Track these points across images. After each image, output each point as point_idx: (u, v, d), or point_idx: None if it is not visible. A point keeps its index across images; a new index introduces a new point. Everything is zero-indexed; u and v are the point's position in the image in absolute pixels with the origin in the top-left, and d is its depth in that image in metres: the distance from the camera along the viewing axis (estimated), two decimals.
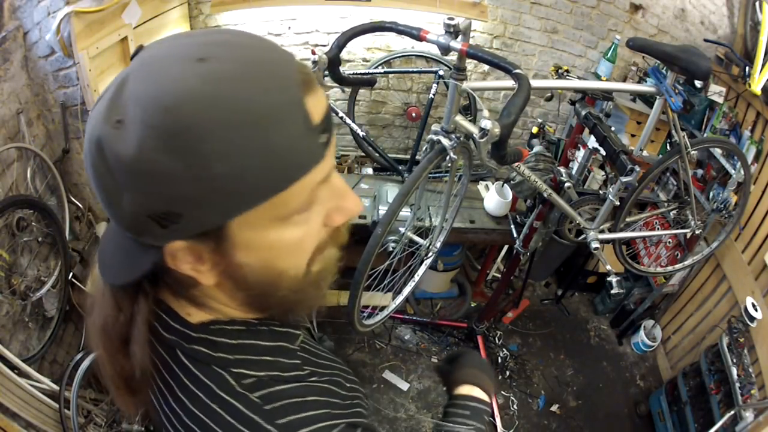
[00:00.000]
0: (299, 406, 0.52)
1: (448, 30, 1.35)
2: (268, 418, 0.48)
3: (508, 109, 1.11)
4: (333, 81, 1.49)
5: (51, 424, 1.57)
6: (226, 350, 0.50)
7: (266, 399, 0.50)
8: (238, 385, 0.49)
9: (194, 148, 0.35)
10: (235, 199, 0.39)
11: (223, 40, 0.40)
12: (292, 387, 0.53)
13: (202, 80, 0.36)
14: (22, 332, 1.70)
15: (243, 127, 0.36)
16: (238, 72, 0.37)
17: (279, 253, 0.46)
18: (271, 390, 0.51)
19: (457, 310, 3.01)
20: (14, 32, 1.58)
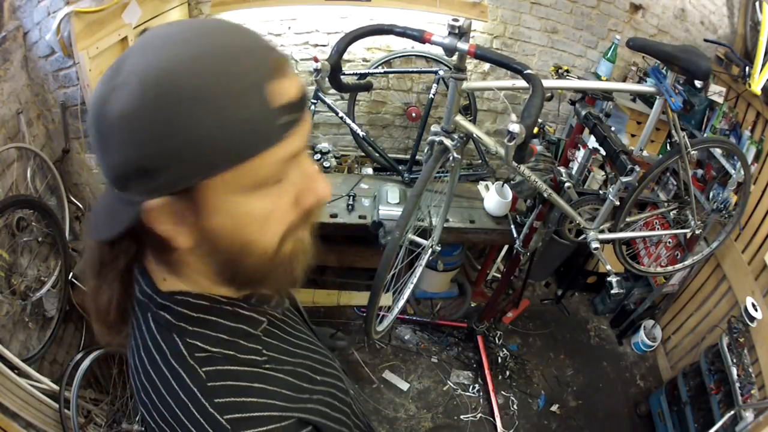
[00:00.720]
0: (243, 390, 0.53)
1: (452, 31, 1.34)
2: (207, 394, 0.51)
3: (528, 110, 1.13)
4: (333, 88, 1.44)
5: (51, 424, 1.57)
6: (186, 321, 0.54)
7: (211, 376, 0.52)
8: (189, 356, 0.52)
9: (173, 110, 0.42)
10: (204, 162, 0.44)
11: (211, 28, 0.47)
12: (243, 370, 0.55)
13: (183, 60, 0.43)
14: (22, 332, 1.70)
15: (208, 100, 0.42)
16: (212, 53, 0.44)
17: (248, 222, 0.50)
18: (219, 368, 0.53)
19: (457, 310, 3.01)
20: (14, 32, 1.58)
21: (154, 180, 0.44)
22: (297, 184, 0.52)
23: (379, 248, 2.27)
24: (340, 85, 1.42)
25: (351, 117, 2.65)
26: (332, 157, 2.98)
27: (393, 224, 2.26)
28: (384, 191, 2.52)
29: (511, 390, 2.66)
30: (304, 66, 2.76)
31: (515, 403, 2.60)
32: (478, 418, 2.51)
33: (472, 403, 2.58)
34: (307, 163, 0.53)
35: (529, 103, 1.14)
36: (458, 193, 2.66)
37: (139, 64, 0.43)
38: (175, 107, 0.42)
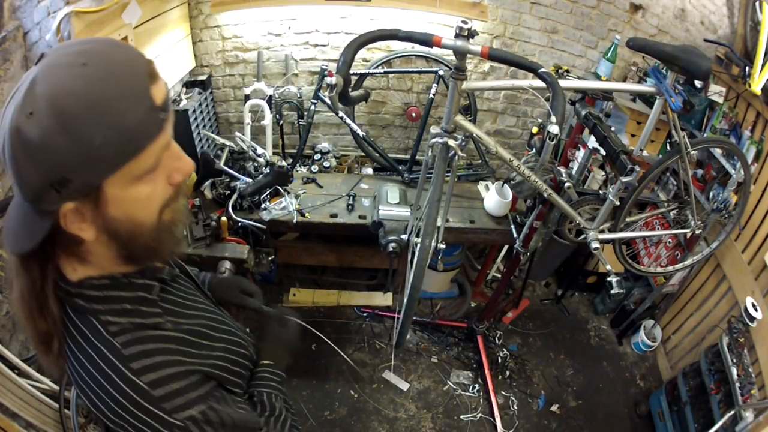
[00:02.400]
0: (153, 352, 0.63)
1: (461, 33, 1.34)
2: (125, 361, 0.60)
3: (556, 109, 1.21)
4: (340, 103, 1.40)
5: (51, 424, 1.57)
6: (97, 301, 0.63)
7: (126, 344, 0.62)
8: (105, 332, 0.62)
9: (80, 128, 0.50)
10: (107, 163, 0.53)
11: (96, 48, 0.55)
12: (150, 334, 0.64)
13: (85, 81, 0.51)
14: (22, 332, 1.70)
15: (109, 113, 0.51)
16: (106, 73, 0.52)
17: (137, 206, 0.60)
18: (131, 336, 0.62)
19: (457, 310, 3.01)
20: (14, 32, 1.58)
21: (67, 189, 0.53)
22: (168, 166, 0.62)
23: (379, 248, 2.27)
24: (348, 99, 1.40)
25: (351, 117, 2.65)
26: (332, 157, 2.98)
27: (394, 224, 2.27)
28: (384, 191, 2.52)
29: (511, 390, 2.66)
30: (304, 66, 2.76)
31: (515, 403, 2.60)
32: (478, 418, 2.51)
33: (472, 403, 2.58)
34: (174, 147, 0.62)
35: (553, 104, 1.21)
36: (458, 193, 2.66)
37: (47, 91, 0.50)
38: (82, 125, 0.50)
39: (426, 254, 1.68)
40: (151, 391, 0.61)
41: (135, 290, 0.66)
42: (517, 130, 3.10)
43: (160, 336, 0.65)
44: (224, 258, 2.18)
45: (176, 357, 0.65)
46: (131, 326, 0.63)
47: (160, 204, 0.62)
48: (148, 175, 0.58)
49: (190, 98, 2.54)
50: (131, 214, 0.60)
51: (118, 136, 0.52)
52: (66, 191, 0.53)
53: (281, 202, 2.45)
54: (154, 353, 0.63)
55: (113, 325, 0.62)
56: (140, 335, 0.63)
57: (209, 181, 2.50)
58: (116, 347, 0.61)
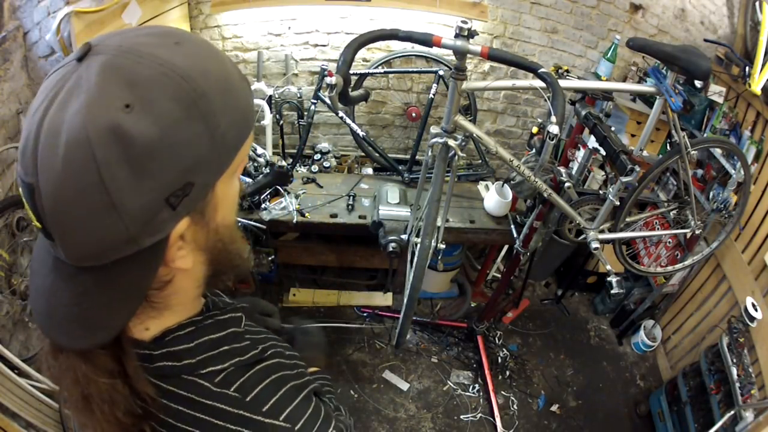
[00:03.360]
0: (270, 387, 0.54)
1: (461, 33, 1.33)
2: (253, 409, 0.51)
3: (556, 109, 1.21)
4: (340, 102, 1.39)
5: (51, 424, 1.57)
6: (188, 356, 0.51)
7: (243, 391, 0.52)
8: (212, 386, 0.50)
9: (208, 110, 0.41)
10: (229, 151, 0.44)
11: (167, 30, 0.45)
12: (257, 370, 0.55)
13: (190, 58, 0.42)
14: (22, 332, 1.70)
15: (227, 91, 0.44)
16: (205, 51, 0.44)
17: (233, 205, 0.51)
18: (242, 380, 0.52)
19: (457, 310, 3.01)
20: (14, 32, 1.58)
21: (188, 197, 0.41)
22: None
23: (379, 248, 2.27)
24: (348, 99, 1.40)
25: (351, 117, 2.65)
26: (332, 157, 2.98)
27: (394, 224, 2.27)
28: (384, 191, 2.52)
29: (511, 390, 2.66)
30: (304, 66, 2.76)
31: (515, 403, 2.60)
32: (478, 418, 2.51)
33: (472, 403, 2.57)
34: None
35: (553, 104, 1.21)
36: (458, 193, 2.66)
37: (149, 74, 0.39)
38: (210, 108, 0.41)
39: (426, 254, 1.68)
40: (293, 428, 0.53)
41: (225, 328, 0.56)
42: (517, 130, 3.10)
43: (266, 368, 0.57)
44: None
45: (289, 383, 0.57)
46: (235, 369, 0.53)
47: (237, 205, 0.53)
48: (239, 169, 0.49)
49: None
50: (229, 217, 0.50)
51: (238, 116, 0.44)
52: (186, 202, 0.41)
53: (281, 202, 2.45)
54: (274, 389, 0.55)
55: (217, 374, 0.51)
56: (249, 375, 0.54)
57: None
58: (236, 398, 0.51)
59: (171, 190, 0.39)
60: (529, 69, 1.30)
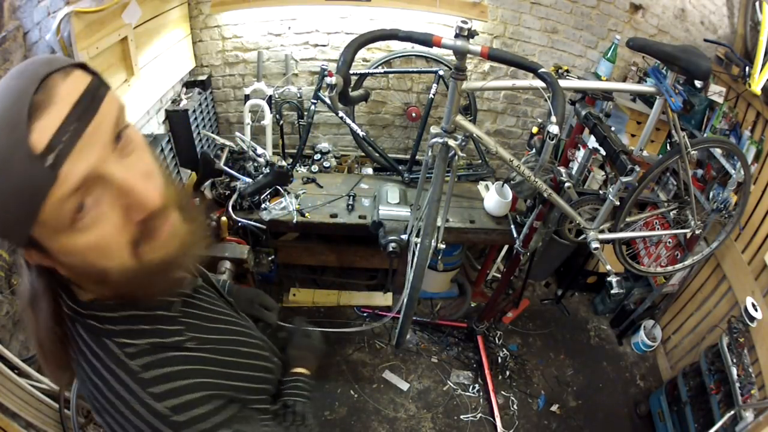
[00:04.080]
0: (174, 375, 0.58)
1: (461, 33, 1.33)
2: (144, 385, 0.56)
3: (556, 110, 1.21)
4: (340, 103, 1.40)
5: (51, 424, 1.57)
6: (111, 322, 0.57)
7: (145, 367, 0.57)
8: (122, 354, 0.56)
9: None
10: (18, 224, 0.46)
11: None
12: (171, 356, 0.59)
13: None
14: (22, 332, 1.70)
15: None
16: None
17: (88, 255, 0.50)
18: (151, 358, 0.57)
19: (457, 310, 3.01)
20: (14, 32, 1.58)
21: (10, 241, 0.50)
22: (115, 202, 0.50)
23: (379, 248, 2.27)
24: (348, 99, 1.40)
25: (351, 117, 2.65)
26: (332, 157, 2.98)
27: (394, 224, 2.27)
28: (384, 191, 2.52)
29: (511, 390, 2.66)
30: (304, 66, 2.76)
31: (515, 403, 2.60)
32: (478, 418, 2.51)
33: (472, 403, 2.57)
34: (119, 178, 0.49)
35: (553, 104, 1.21)
36: (458, 193, 2.67)
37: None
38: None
39: (426, 254, 1.68)
40: (172, 417, 0.56)
41: (153, 308, 0.60)
42: (517, 130, 3.10)
43: (182, 357, 0.60)
44: (224, 258, 2.18)
45: (199, 379, 0.60)
46: (150, 347, 0.58)
47: (125, 245, 0.52)
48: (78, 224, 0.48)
49: (190, 98, 2.54)
50: (88, 261, 0.51)
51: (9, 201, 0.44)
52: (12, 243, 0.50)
53: (281, 202, 2.45)
54: (176, 376, 0.58)
55: (130, 346, 0.57)
56: (160, 357, 0.58)
57: (209, 181, 2.50)
58: (134, 371, 0.56)
59: None
60: (529, 69, 1.30)
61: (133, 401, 0.55)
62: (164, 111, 2.40)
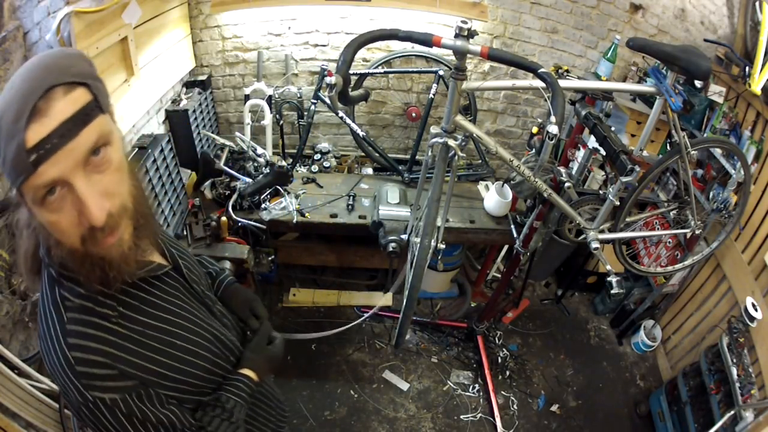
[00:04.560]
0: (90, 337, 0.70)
1: (461, 33, 1.33)
2: (65, 333, 0.69)
3: (555, 110, 1.21)
4: (340, 102, 1.40)
5: (51, 424, 1.57)
6: (61, 276, 0.71)
7: (72, 321, 0.70)
8: (60, 304, 0.71)
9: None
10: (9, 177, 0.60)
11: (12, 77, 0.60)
12: (94, 321, 0.71)
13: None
14: (22, 332, 1.70)
15: None
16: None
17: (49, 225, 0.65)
18: (79, 316, 0.70)
19: (457, 310, 3.01)
20: (14, 32, 1.58)
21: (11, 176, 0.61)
22: (75, 206, 0.63)
23: (379, 248, 2.27)
24: (347, 99, 1.40)
25: (351, 117, 2.65)
26: (332, 157, 2.98)
27: (394, 224, 2.27)
28: (384, 191, 2.52)
29: (511, 390, 2.66)
30: (304, 66, 2.76)
31: (515, 403, 2.60)
32: (478, 418, 2.51)
33: (472, 403, 2.58)
34: (79, 190, 0.62)
35: (553, 104, 1.21)
36: (458, 193, 2.67)
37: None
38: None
39: (426, 254, 1.68)
40: (74, 366, 0.68)
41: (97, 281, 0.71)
42: (517, 130, 3.10)
43: (104, 327, 0.71)
44: (224, 258, 2.18)
45: (109, 349, 0.71)
46: (82, 309, 0.71)
47: (76, 237, 0.65)
48: (45, 206, 0.62)
49: (190, 98, 2.54)
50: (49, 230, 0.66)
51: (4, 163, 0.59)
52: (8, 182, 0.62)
53: (281, 202, 2.45)
54: (90, 338, 0.70)
55: (69, 301, 0.71)
56: (86, 319, 0.71)
57: (209, 181, 2.50)
58: (63, 319, 0.70)
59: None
60: (528, 69, 1.30)
61: (54, 340, 0.70)
62: (164, 111, 2.40)
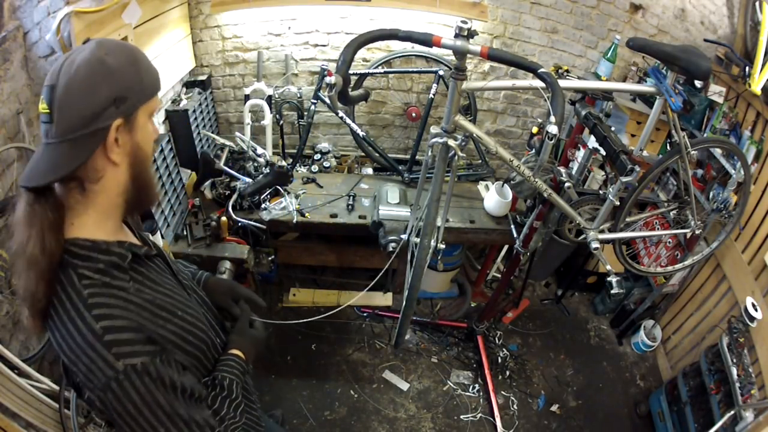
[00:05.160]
0: (112, 306, 0.75)
1: (461, 33, 1.33)
2: (89, 308, 0.73)
3: (555, 110, 1.21)
4: (339, 102, 1.40)
5: (51, 424, 1.56)
6: (79, 258, 0.77)
7: (92, 295, 0.74)
8: (78, 282, 0.75)
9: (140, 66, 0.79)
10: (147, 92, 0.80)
11: None
12: (114, 293, 0.76)
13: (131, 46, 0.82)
14: (22, 332, 1.70)
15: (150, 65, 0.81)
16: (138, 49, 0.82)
17: (148, 136, 0.83)
18: (98, 290, 0.75)
19: (457, 310, 3.01)
20: (14, 32, 1.58)
21: (124, 104, 0.75)
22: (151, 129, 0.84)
23: (379, 248, 2.27)
24: (347, 99, 1.40)
25: (351, 117, 2.65)
26: (332, 157, 2.98)
27: (394, 224, 2.27)
28: (384, 191, 2.52)
29: (511, 390, 2.66)
30: (304, 66, 2.76)
31: (515, 403, 2.60)
32: (478, 418, 2.51)
33: (472, 403, 2.58)
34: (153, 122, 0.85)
35: (553, 104, 1.21)
36: (458, 193, 2.67)
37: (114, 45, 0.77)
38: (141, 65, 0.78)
39: (425, 254, 1.68)
40: (103, 336, 0.72)
41: (110, 255, 0.79)
42: (517, 130, 3.10)
43: (123, 297, 0.77)
44: (224, 258, 2.18)
45: (132, 316, 0.76)
46: (100, 283, 0.76)
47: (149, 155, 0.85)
48: (152, 117, 0.83)
49: (190, 98, 2.54)
50: (145, 142, 0.81)
51: (153, 78, 0.81)
52: (123, 106, 0.75)
53: (281, 202, 2.46)
54: (114, 307, 0.75)
55: (86, 279, 0.75)
56: (106, 291, 0.76)
57: (209, 181, 2.50)
58: (84, 295, 0.74)
59: (117, 95, 0.74)
60: (528, 69, 1.30)
61: (77, 318, 0.73)
62: (164, 111, 2.41)
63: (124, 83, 0.74)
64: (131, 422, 0.76)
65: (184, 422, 0.80)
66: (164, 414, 0.77)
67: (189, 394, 0.82)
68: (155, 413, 0.76)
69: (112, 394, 0.73)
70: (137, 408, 0.75)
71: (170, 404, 0.78)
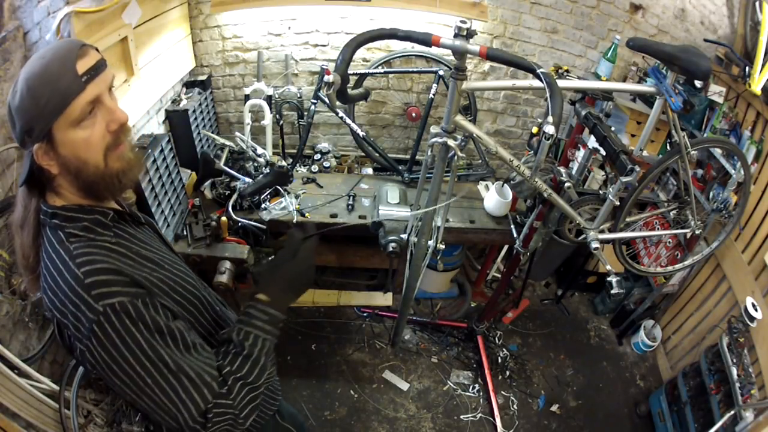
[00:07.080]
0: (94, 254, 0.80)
1: (460, 33, 1.33)
2: (73, 258, 0.78)
3: (553, 109, 1.20)
4: (338, 100, 1.41)
5: (51, 424, 1.57)
6: (66, 220, 0.83)
7: (77, 248, 0.80)
8: (66, 240, 0.81)
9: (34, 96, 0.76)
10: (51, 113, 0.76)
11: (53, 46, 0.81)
12: (97, 244, 0.82)
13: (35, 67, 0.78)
14: (22, 332, 1.70)
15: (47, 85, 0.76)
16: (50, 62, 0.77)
17: (79, 147, 0.80)
18: (83, 244, 0.81)
19: (457, 310, 3.01)
20: (14, 32, 1.58)
21: (33, 134, 0.77)
22: (105, 117, 0.81)
23: (379, 248, 2.27)
24: (346, 97, 1.40)
25: (351, 117, 2.65)
26: (332, 157, 2.98)
27: (394, 224, 2.27)
28: (384, 191, 2.52)
29: (511, 390, 2.66)
30: (304, 66, 2.76)
31: (515, 403, 2.60)
32: (478, 418, 2.51)
33: (472, 403, 2.58)
34: (109, 103, 0.82)
35: (551, 104, 1.20)
36: (458, 193, 2.66)
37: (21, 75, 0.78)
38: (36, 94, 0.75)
39: (422, 254, 1.68)
40: (84, 279, 0.76)
41: (93, 214, 0.85)
42: (517, 130, 3.10)
43: (107, 247, 0.83)
44: (224, 258, 2.18)
45: (113, 261, 0.80)
46: (85, 238, 0.82)
47: (102, 148, 0.82)
48: (82, 123, 0.79)
49: (190, 98, 2.54)
50: (76, 153, 0.80)
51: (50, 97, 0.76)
52: (33, 136, 0.77)
53: (281, 202, 2.45)
54: (96, 256, 0.80)
55: (73, 236, 0.82)
56: (90, 244, 0.81)
57: (209, 181, 2.50)
58: (70, 249, 0.80)
59: (25, 128, 0.78)
60: (527, 69, 1.30)
61: (63, 268, 0.78)
62: (164, 111, 2.40)
63: (26, 116, 0.77)
64: (118, 371, 0.74)
65: (172, 373, 0.76)
66: (148, 361, 0.75)
67: (181, 343, 0.79)
68: (139, 359, 0.74)
69: (95, 339, 0.73)
70: (120, 352, 0.74)
71: (153, 350, 0.75)
